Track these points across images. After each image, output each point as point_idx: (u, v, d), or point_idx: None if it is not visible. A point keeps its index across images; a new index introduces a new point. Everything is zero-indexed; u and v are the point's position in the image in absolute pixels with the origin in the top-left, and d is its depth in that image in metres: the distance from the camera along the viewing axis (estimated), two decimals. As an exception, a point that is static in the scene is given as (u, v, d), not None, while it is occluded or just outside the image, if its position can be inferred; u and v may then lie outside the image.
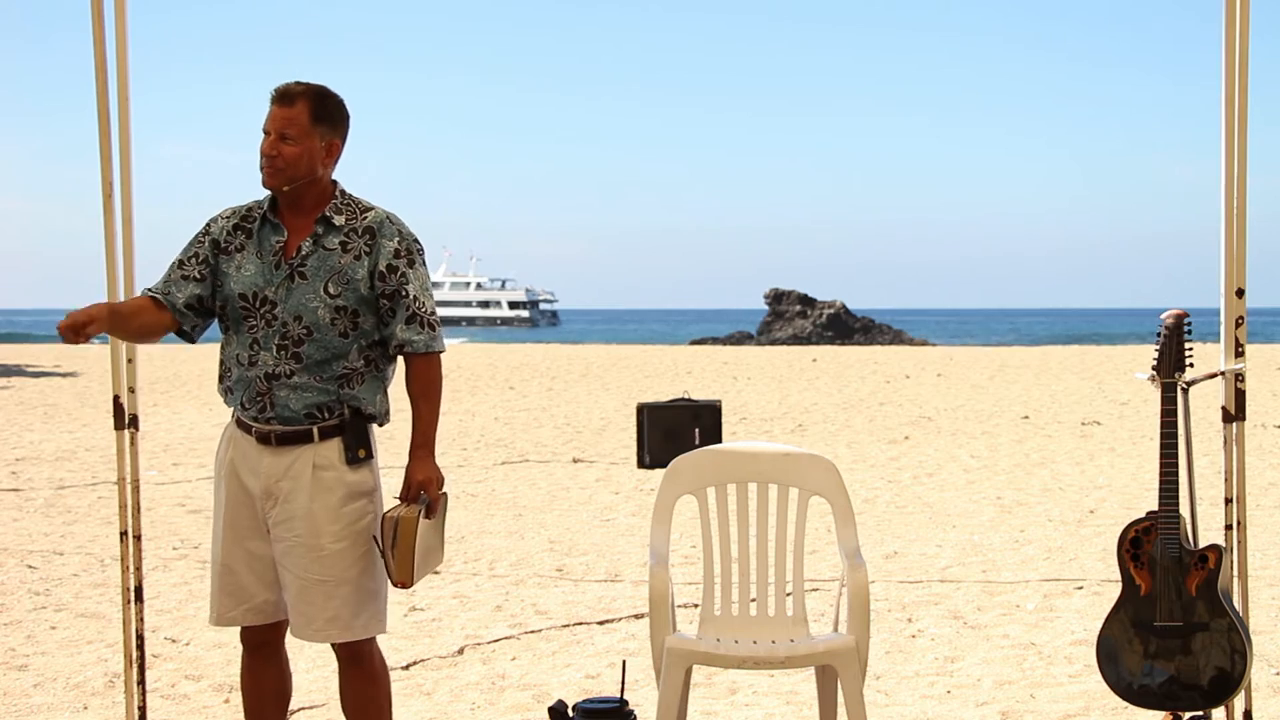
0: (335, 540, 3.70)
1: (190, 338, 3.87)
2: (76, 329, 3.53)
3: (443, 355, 3.88)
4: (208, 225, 3.83)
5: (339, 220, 3.74)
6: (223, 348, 3.83)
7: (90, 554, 8.06)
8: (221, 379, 3.85)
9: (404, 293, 3.73)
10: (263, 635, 3.87)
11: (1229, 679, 4.21)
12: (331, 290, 3.70)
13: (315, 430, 3.72)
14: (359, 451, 3.79)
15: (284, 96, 3.71)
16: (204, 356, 30.78)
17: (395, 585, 3.70)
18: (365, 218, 3.76)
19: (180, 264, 3.80)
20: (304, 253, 3.71)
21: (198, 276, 3.78)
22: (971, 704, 5.05)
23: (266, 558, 3.77)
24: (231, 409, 3.83)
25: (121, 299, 4.33)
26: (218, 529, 3.86)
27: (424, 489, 3.73)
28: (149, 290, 3.81)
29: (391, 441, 15.96)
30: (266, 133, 3.71)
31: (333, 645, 3.83)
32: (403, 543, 3.64)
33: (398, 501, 3.74)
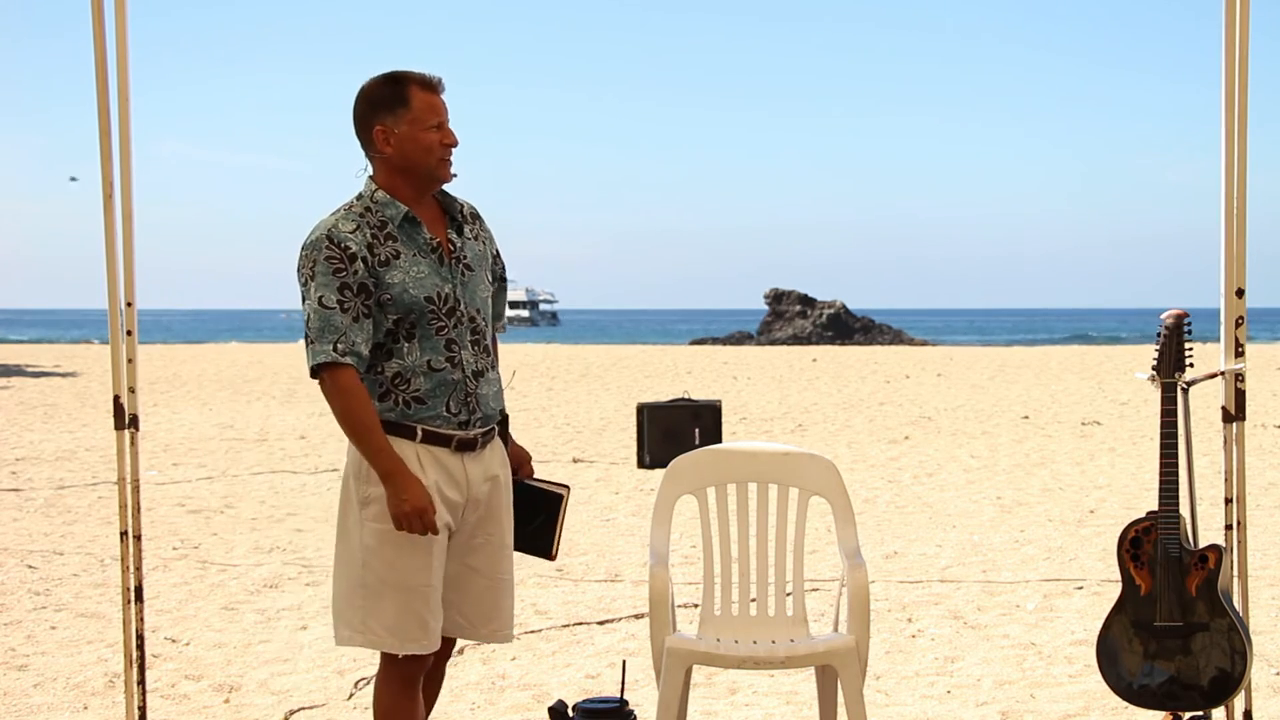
0: (511, 536, 3.77)
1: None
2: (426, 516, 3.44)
3: None
4: (340, 248, 3.44)
5: (455, 208, 3.68)
6: (386, 358, 3.51)
7: (90, 554, 8.07)
8: (394, 391, 3.52)
9: (506, 274, 3.90)
10: (429, 660, 3.66)
11: (1229, 679, 4.21)
12: (489, 279, 3.70)
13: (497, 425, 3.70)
14: (505, 441, 3.80)
15: (440, 85, 3.58)
16: (204, 357, 30.79)
17: (552, 558, 3.86)
18: (464, 204, 3.73)
19: (340, 307, 3.42)
20: (458, 245, 3.62)
21: (364, 311, 3.45)
22: (971, 704, 5.05)
23: (446, 576, 3.65)
24: (417, 424, 3.52)
25: (122, 299, 4.30)
26: (418, 558, 3.54)
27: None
28: (339, 360, 3.41)
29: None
30: (438, 125, 3.54)
31: (453, 639, 3.75)
32: (561, 518, 3.81)
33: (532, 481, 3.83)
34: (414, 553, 3.52)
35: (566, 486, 3.86)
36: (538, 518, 3.80)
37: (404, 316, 3.49)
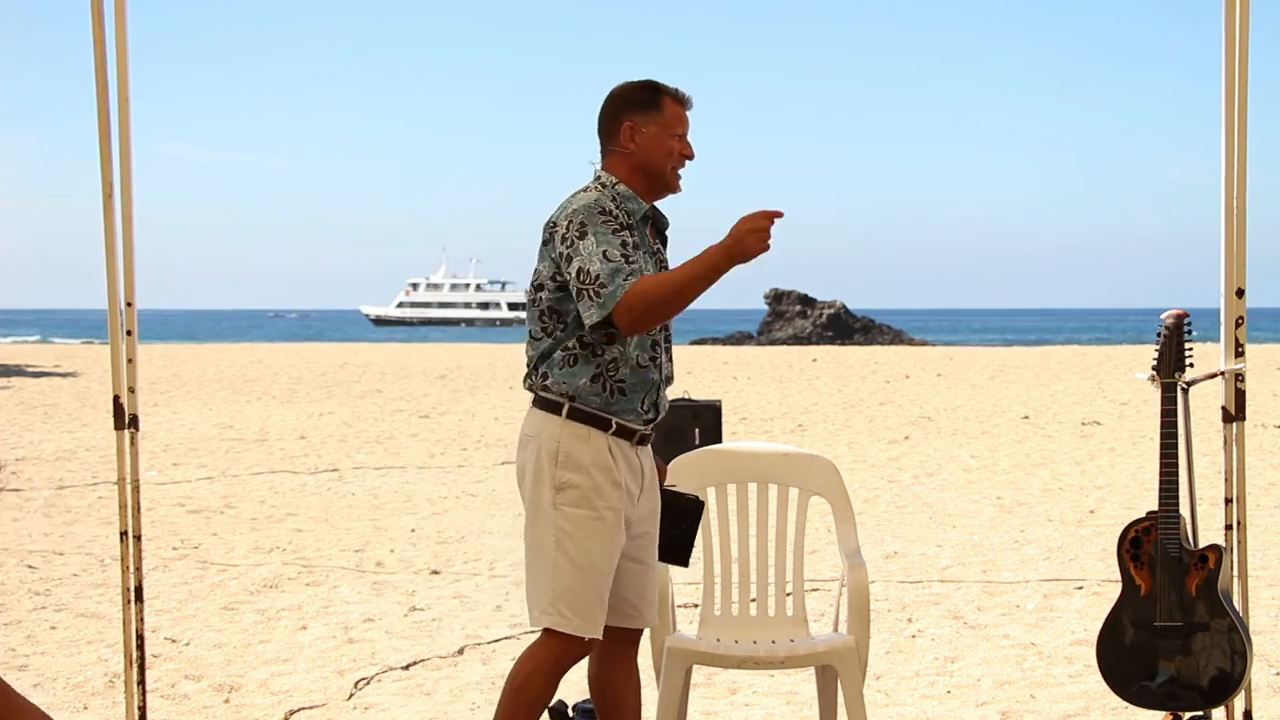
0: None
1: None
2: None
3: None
4: (611, 215, 3.55)
5: (663, 221, 3.79)
6: (609, 342, 3.57)
7: (90, 554, 8.07)
8: (605, 376, 3.57)
9: None
10: (590, 647, 3.72)
11: (1229, 679, 4.21)
12: None
13: None
14: None
15: (690, 102, 3.74)
16: (204, 356, 30.79)
17: (687, 565, 3.92)
18: (668, 221, 3.84)
19: (625, 260, 3.49)
20: (663, 256, 3.74)
21: (636, 267, 3.53)
22: (971, 704, 5.05)
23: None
24: (612, 415, 3.59)
25: (122, 299, 4.30)
26: (608, 545, 3.61)
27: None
28: (624, 293, 3.46)
29: (392, 441, 15.87)
30: (681, 135, 3.69)
31: (625, 630, 3.79)
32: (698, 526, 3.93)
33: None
34: (604, 539, 3.59)
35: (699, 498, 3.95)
36: (681, 524, 3.85)
37: None
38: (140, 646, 4.40)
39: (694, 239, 3.70)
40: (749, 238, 3.44)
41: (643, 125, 3.67)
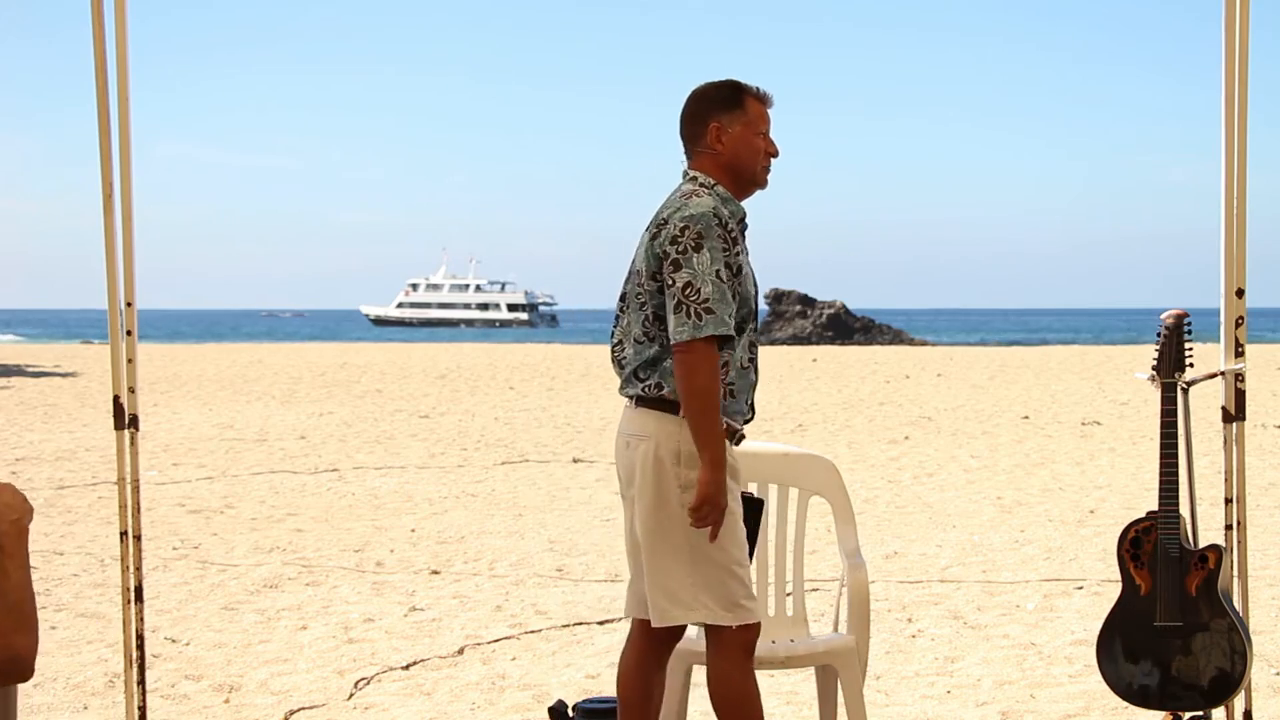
0: None
1: None
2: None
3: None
4: (725, 228, 3.54)
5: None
6: (733, 336, 3.58)
7: (90, 554, 8.07)
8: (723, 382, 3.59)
9: None
10: (759, 627, 3.79)
11: (1229, 679, 4.21)
12: None
13: None
14: None
15: (771, 100, 3.75)
16: (204, 356, 30.79)
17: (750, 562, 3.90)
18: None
19: (728, 283, 3.52)
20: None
21: (735, 292, 3.56)
22: (971, 704, 5.05)
23: None
24: (724, 418, 3.59)
25: (121, 299, 4.30)
26: (740, 536, 3.66)
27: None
28: (729, 334, 3.51)
29: (392, 441, 15.89)
30: (765, 133, 3.71)
31: (670, 629, 3.80)
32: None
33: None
34: (735, 530, 3.61)
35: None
36: (748, 524, 3.83)
37: (740, 309, 3.59)
38: (140, 646, 4.40)
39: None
40: (723, 503, 3.50)
41: (728, 125, 3.68)
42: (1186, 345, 4.34)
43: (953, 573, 7.43)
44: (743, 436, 3.74)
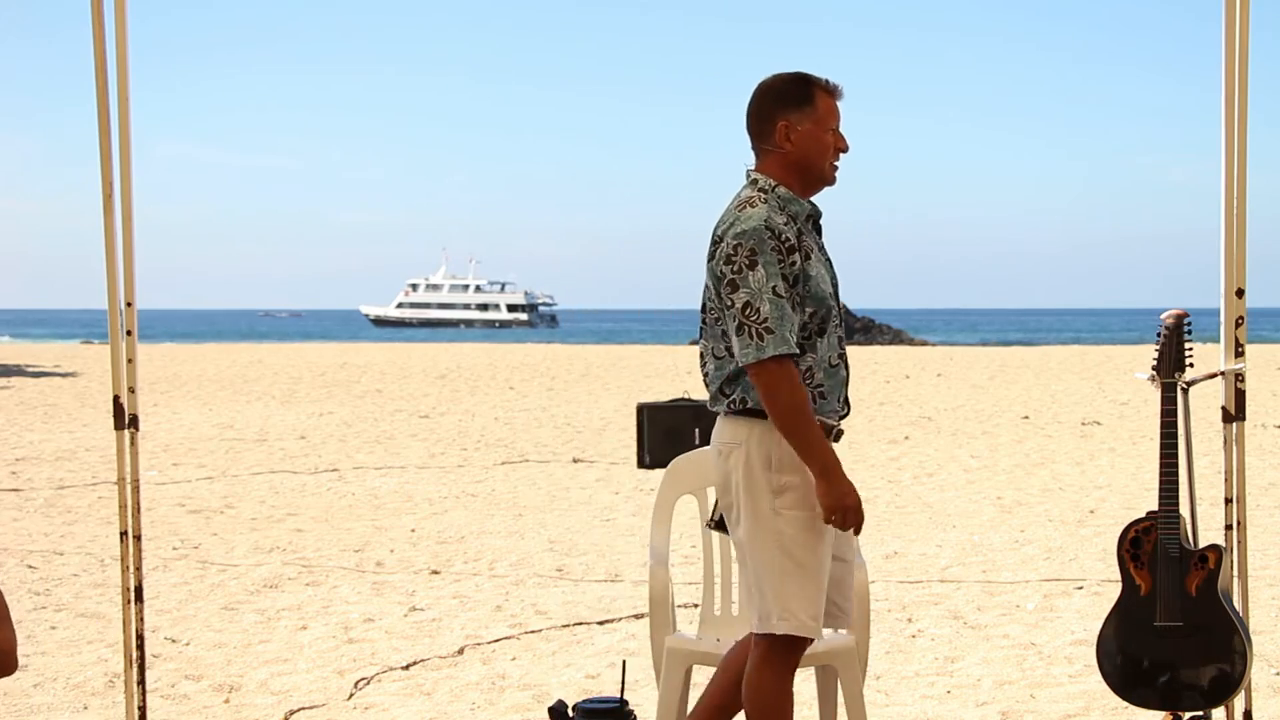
0: None
1: None
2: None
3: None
4: (779, 239, 3.46)
5: (819, 213, 3.73)
6: (801, 353, 3.50)
7: (90, 554, 8.07)
8: (805, 386, 3.51)
9: None
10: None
11: (1229, 679, 4.21)
12: None
13: None
14: None
15: (840, 92, 3.64)
16: (204, 356, 30.80)
17: None
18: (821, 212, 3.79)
19: (788, 298, 3.44)
20: (825, 248, 3.69)
21: (796, 303, 3.48)
22: (971, 704, 5.05)
23: None
24: (828, 417, 3.57)
25: (122, 299, 4.31)
26: (829, 542, 3.61)
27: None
28: (793, 350, 3.43)
29: (391, 441, 15.90)
30: (835, 129, 3.61)
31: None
32: None
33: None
34: (824, 539, 3.57)
35: None
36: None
37: (817, 310, 3.52)
38: (140, 646, 4.40)
39: (695, 238, 3.68)
40: (849, 502, 3.46)
41: (798, 123, 3.57)
42: (1186, 345, 4.34)
43: (953, 573, 7.43)
44: (841, 432, 3.65)
